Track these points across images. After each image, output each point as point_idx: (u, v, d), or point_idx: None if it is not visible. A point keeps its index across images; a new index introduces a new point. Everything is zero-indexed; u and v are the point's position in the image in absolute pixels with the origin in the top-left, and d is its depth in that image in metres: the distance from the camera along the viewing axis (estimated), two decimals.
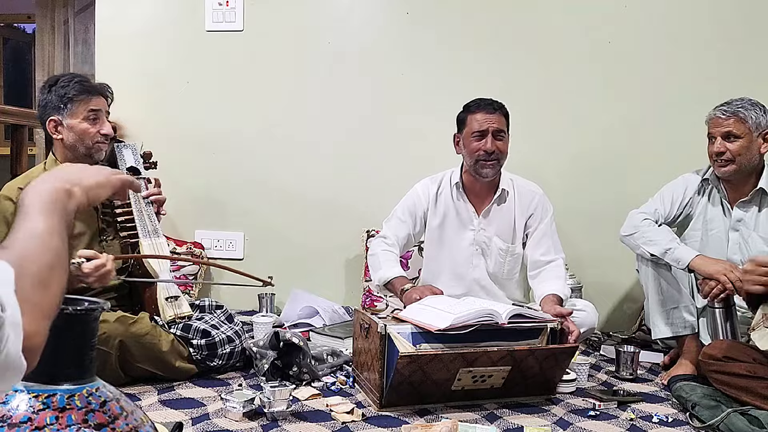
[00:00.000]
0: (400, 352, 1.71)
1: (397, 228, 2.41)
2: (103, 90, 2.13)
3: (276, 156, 3.12)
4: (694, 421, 1.77)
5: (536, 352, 1.83)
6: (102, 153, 2.14)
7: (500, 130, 2.26)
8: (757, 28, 2.81)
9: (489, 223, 2.37)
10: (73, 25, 4.61)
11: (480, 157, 2.25)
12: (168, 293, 2.10)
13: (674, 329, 2.23)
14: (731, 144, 2.13)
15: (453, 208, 2.40)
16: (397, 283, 2.25)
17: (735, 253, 2.22)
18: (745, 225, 2.22)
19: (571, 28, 2.92)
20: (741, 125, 2.13)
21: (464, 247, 2.39)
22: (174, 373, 1.99)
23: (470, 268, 2.39)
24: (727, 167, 2.15)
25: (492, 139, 2.24)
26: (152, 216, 2.17)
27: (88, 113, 2.06)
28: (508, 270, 2.40)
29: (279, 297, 2.96)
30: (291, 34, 3.08)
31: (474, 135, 2.26)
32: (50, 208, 0.70)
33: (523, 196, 2.38)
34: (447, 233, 2.41)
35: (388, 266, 2.31)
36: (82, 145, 2.07)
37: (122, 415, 0.83)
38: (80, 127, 2.06)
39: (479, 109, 2.27)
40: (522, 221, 2.38)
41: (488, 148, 2.23)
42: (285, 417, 1.71)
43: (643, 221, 2.26)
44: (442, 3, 2.99)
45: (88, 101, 2.07)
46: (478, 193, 2.39)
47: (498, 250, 2.38)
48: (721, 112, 2.16)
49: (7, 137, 3.56)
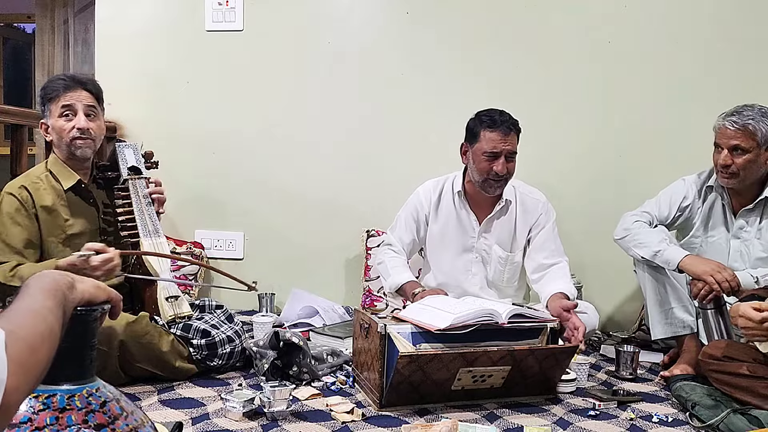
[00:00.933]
0: (400, 352, 1.71)
1: (402, 234, 2.42)
2: (84, 84, 2.06)
3: (276, 156, 3.12)
4: (694, 421, 1.77)
5: (536, 351, 1.83)
6: (85, 150, 2.07)
7: (513, 152, 2.23)
8: (757, 28, 2.81)
9: (490, 232, 2.37)
10: (73, 25, 4.61)
11: (490, 176, 2.23)
12: (168, 293, 2.10)
13: (673, 329, 2.23)
14: (738, 158, 2.09)
15: (454, 215, 2.39)
16: (408, 288, 2.25)
17: (736, 261, 2.22)
18: (746, 232, 2.22)
19: (571, 28, 2.92)
20: (749, 140, 2.07)
21: (464, 255, 2.40)
22: (174, 373, 1.98)
23: (469, 275, 2.40)
24: (731, 179, 2.14)
25: (504, 161, 2.21)
26: (153, 215, 2.17)
27: (62, 109, 2.02)
28: (507, 278, 2.41)
29: (279, 297, 2.96)
30: (291, 34, 3.08)
31: (486, 154, 2.21)
32: (52, 292, 0.76)
33: (526, 205, 2.37)
34: (447, 239, 2.41)
35: (397, 272, 2.31)
36: (63, 143, 2.05)
37: (122, 416, 0.83)
38: (57, 126, 2.04)
39: (495, 128, 2.20)
40: (524, 230, 2.37)
41: (500, 170, 2.20)
42: (285, 417, 1.71)
43: (634, 223, 2.26)
44: (442, 3, 2.99)
45: (60, 98, 2.02)
46: (481, 203, 2.38)
47: (498, 258, 2.38)
48: (731, 123, 2.08)
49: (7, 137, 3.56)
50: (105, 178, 2.22)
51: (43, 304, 0.73)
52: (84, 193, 2.14)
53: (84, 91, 2.06)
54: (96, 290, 0.86)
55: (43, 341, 0.68)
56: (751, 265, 2.19)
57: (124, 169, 2.21)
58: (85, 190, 2.14)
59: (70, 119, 2.04)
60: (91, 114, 2.08)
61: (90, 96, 2.08)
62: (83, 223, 2.11)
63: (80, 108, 2.05)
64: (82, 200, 2.13)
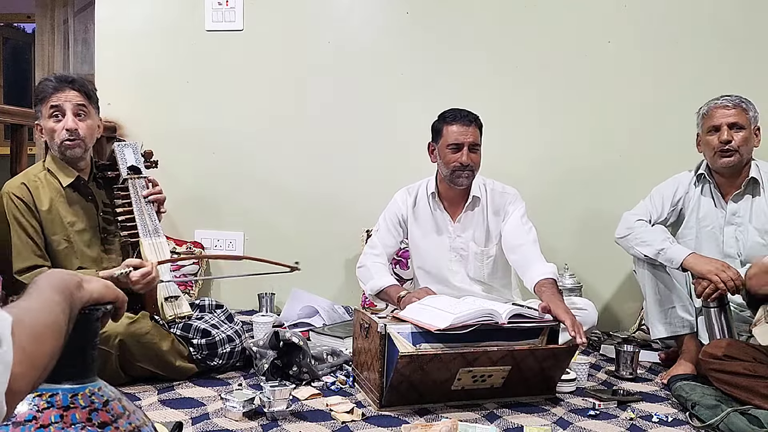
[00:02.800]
0: (400, 352, 1.71)
1: (384, 238, 2.46)
2: (74, 84, 2.03)
3: (276, 156, 3.12)
4: (694, 421, 1.77)
5: (536, 351, 1.84)
6: (75, 150, 2.05)
7: (475, 144, 2.31)
8: (757, 28, 2.81)
9: (464, 229, 2.41)
10: (73, 24, 4.61)
11: (456, 167, 2.30)
12: (168, 293, 2.09)
13: (672, 329, 2.23)
14: (737, 134, 2.16)
15: (431, 217, 2.44)
16: (392, 291, 2.25)
17: (731, 247, 2.23)
18: (740, 218, 2.23)
19: (571, 28, 2.92)
20: (744, 116, 2.18)
21: (443, 254, 2.43)
22: (174, 373, 1.99)
23: (450, 274, 2.42)
24: (732, 157, 2.17)
25: (467, 152, 2.28)
26: (153, 215, 2.17)
27: (50, 110, 2.01)
28: (488, 273, 2.42)
29: (279, 297, 2.96)
30: (291, 33, 3.08)
31: (450, 147, 2.30)
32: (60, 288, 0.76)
33: (494, 199, 2.41)
34: (426, 242, 2.45)
35: (379, 276, 2.33)
36: (54, 144, 2.05)
37: (125, 414, 0.83)
38: (47, 127, 2.04)
39: (455, 122, 2.31)
40: (495, 222, 2.40)
41: (464, 161, 2.28)
42: (285, 417, 1.71)
43: (636, 222, 2.27)
44: (442, 3, 2.99)
45: (49, 98, 2.01)
46: (453, 201, 2.43)
47: (474, 254, 2.41)
48: (727, 101, 2.19)
49: (7, 137, 3.55)
50: (105, 177, 2.22)
51: (51, 298, 0.73)
52: (83, 190, 2.14)
53: (72, 90, 2.03)
54: (105, 290, 0.86)
55: (50, 333, 0.68)
56: (748, 251, 2.20)
57: (123, 168, 2.21)
58: (85, 187, 2.14)
59: (59, 120, 2.03)
60: (81, 113, 2.05)
61: (78, 95, 2.04)
62: (83, 221, 2.11)
63: (68, 108, 2.02)
64: (81, 197, 2.13)
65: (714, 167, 2.24)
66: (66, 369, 0.81)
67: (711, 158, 2.22)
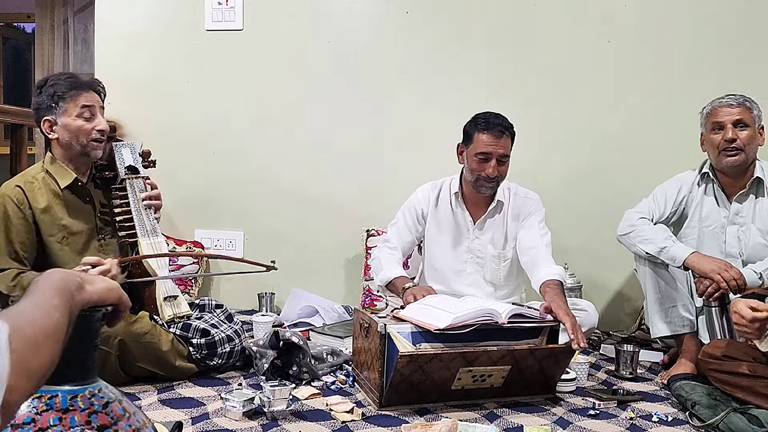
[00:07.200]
0: (399, 352, 1.71)
1: (401, 232, 2.45)
2: (93, 85, 2.09)
3: (276, 156, 3.12)
4: (694, 420, 1.77)
5: (536, 351, 1.84)
6: (98, 151, 2.11)
7: (505, 156, 2.26)
8: (757, 28, 2.81)
9: (483, 232, 2.40)
10: (73, 24, 4.61)
11: (481, 177, 2.27)
12: (167, 292, 2.09)
13: (673, 328, 2.23)
14: (741, 132, 2.15)
15: (451, 216, 2.43)
16: (399, 282, 2.26)
17: (733, 247, 2.22)
18: (742, 218, 2.22)
19: (571, 27, 2.92)
20: (748, 114, 2.16)
21: (460, 255, 2.42)
22: (174, 373, 1.99)
23: (464, 275, 2.42)
24: (737, 156, 2.15)
25: (495, 164, 2.24)
26: (150, 215, 2.17)
27: (81, 110, 2.03)
28: (504, 276, 2.42)
29: (279, 296, 2.96)
30: (291, 33, 3.08)
31: (479, 155, 2.25)
32: (60, 290, 0.75)
33: (516, 203, 2.40)
34: (444, 240, 2.43)
35: (389, 267, 2.32)
36: (77, 143, 2.05)
37: (125, 417, 0.82)
38: (74, 125, 2.04)
39: (487, 131, 2.24)
40: (514, 226, 2.39)
41: (491, 173, 2.25)
42: (285, 416, 1.71)
43: (638, 220, 2.26)
44: (442, 3, 2.99)
45: (78, 97, 2.03)
46: (476, 203, 2.41)
47: (491, 257, 2.40)
48: (731, 100, 2.18)
49: (6, 137, 3.55)
50: (102, 177, 2.22)
51: (50, 302, 0.71)
52: (81, 191, 2.13)
53: (95, 93, 2.09)
54: (107, 293, 0.84)
55: (46, 339, 0.67)
56: (749, 251, 2.20)
57: (121, 168, 2.20)
58: (83, 188, 2.14)
59: (89, 120, 2.05)
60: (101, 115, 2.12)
61: (99, 98, 2.11)
62: (80, 222, 2.10)
63: (98, 110, 2.08)
64: (79, 199, 2.13)
65: (718, 166, 2.23)
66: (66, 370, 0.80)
67: (715, 157, 2.21)
